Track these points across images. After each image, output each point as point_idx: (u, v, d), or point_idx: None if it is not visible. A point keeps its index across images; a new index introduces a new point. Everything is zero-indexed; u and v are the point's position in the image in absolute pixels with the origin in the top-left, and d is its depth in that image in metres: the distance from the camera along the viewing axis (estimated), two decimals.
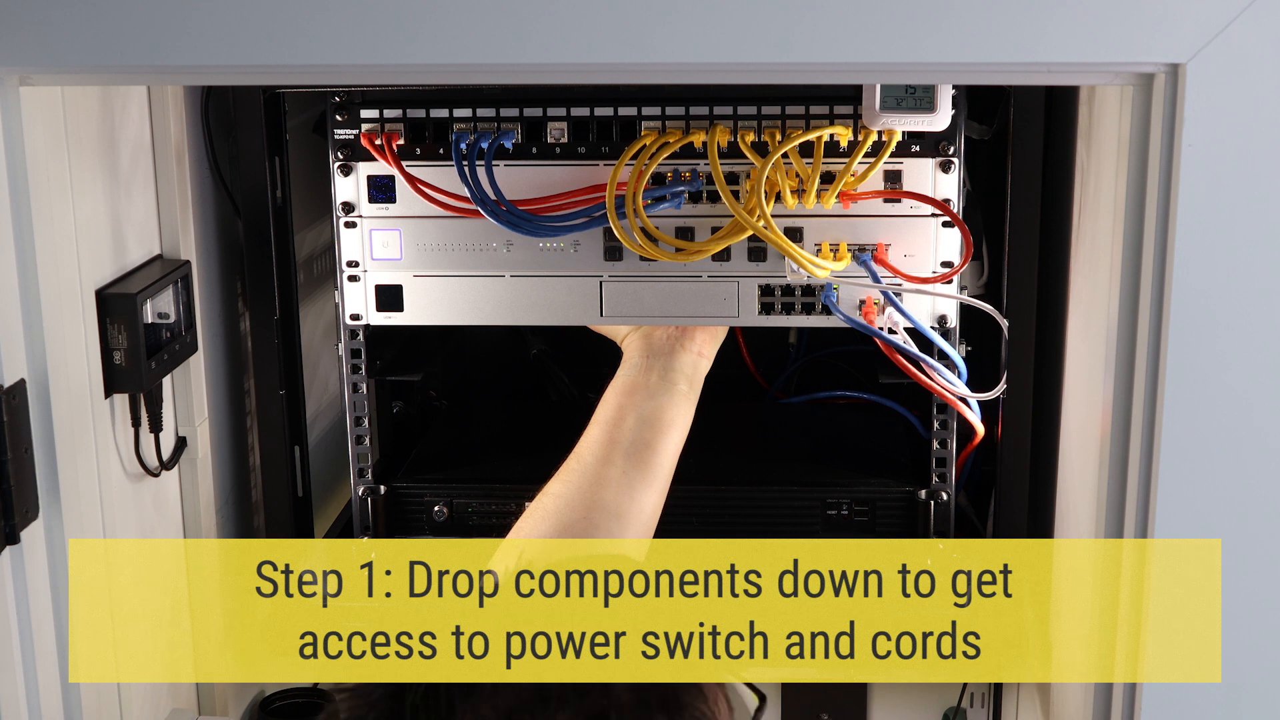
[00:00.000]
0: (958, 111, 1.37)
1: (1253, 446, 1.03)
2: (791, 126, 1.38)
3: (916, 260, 1.41)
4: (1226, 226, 0.99)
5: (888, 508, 1.52)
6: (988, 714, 1.81)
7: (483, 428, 1.76)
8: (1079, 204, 1.36)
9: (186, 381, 1.47)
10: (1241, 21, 0.96)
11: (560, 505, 1.32)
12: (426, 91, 1.42)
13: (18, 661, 1.14)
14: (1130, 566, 1.07)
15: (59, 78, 1.16)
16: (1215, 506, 1.04)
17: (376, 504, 1.55)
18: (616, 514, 1.31)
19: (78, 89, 1.26)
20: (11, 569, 1.13)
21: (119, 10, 1.02)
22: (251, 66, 1.07)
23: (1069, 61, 1.00)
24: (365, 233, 1.46)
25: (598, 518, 1.30)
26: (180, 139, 1.45)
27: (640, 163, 1.37)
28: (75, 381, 1.24)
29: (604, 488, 1.32)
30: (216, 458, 1.55)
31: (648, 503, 1.34)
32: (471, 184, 1.38)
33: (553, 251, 1.44)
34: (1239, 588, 1.05)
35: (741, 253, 1.43)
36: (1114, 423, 1.08)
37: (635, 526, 1.33)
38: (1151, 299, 1.02)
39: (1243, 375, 1.02)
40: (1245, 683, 1.07)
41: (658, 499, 1.36)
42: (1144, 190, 1.03)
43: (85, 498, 1.26)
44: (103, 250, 1.32)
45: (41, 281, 1.15)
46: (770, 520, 1.53)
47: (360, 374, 1.53)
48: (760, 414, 1.77)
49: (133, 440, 1.38)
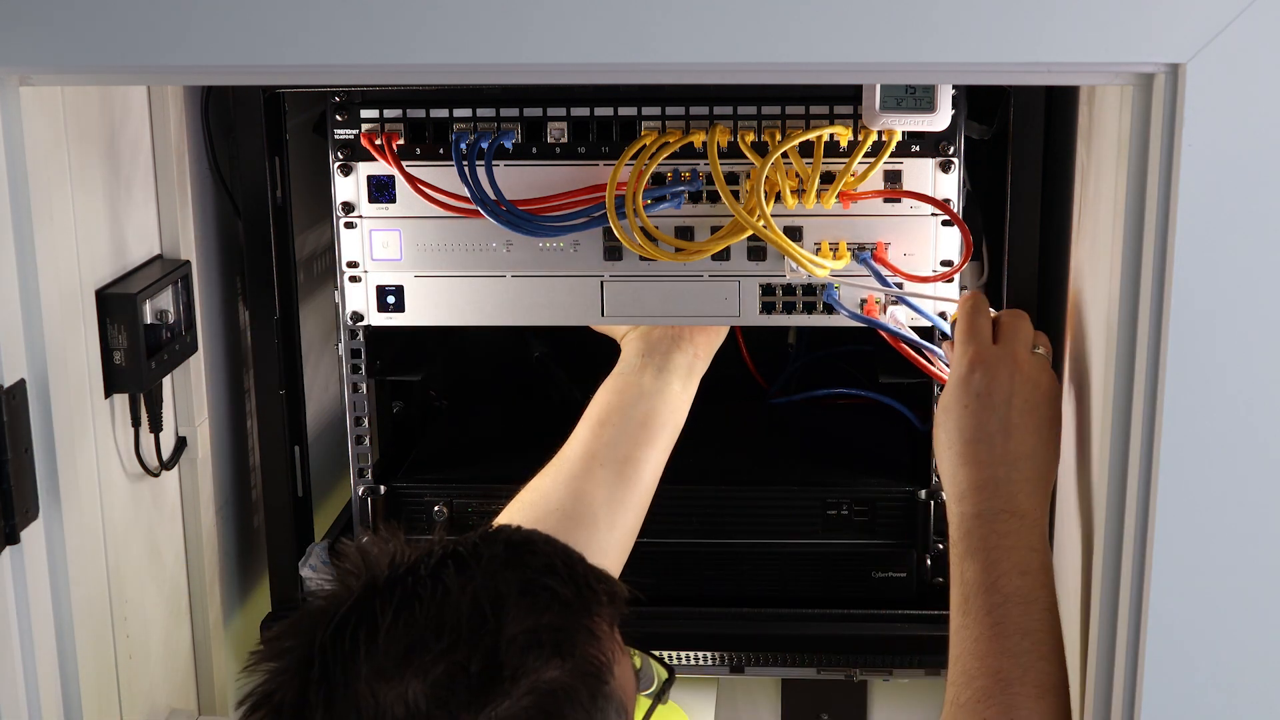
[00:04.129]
0: (958, 111, 1.37)
1: (1253, 446, 1.03)
2: (791, 126, 1.38)
3: (916, 260, 1.41)
4: (1226, 226, 0.99)
5: (888, 508, 1.52)
6: None
7: (483, 428, 1.76)
8: (1079, 204, 1.36)
9: (186, 381, 1.47)
10: (1241, 21, 0.96)
11: (536, 498, 1.32)
12: (426, 91, 1.42)
13: (18, 661, 1.14)
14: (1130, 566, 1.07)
15: (59, 78, 1.16)
16: (1215, 506, 1.04)
17: (376, 504, 1.55)
18: (592, 509, 1.31)
19: (78, 89, 1.26)
20: (11, 569, 1.13)
21: (119, 10, 1.02)
22: (251, 66, 1.06)
23: (1069, 61, 1.00)
24: (365, 233, 1.46)
25: (574, 512, 1.30)
26: (180, 139, 1.45)
27: (640, 163, 1.37)
28: (75, 381, 1.24)
29: (584, 484, 1.32)
30: (216, 458, 1.55)
31: (629, 500, 1.34)
32: (471, 184, 1.38)
33: (553, 251, 1.44)
34: (1239, 587, 1.05)
35: (741, 252, 1.43)
36: (1114, 422, 1.08)
37: (614, 524, 1.33)
38: (1151, 299, 1.02)
39: (1243, 375, 1.02)
40: (1246, 683, 1.07)
41: (640, 497, 1.36)
42: (1144, 190, 1.03)
43: (85, 498, 1.26)
44: (103, 250, 1.32)
45: (41, 281, 1.15)
46: (770, 520, 1.53)
47: (360, 374, 1.53)
48: (760, 414, 1.77)
49: (133, 440, 1.38)
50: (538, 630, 0.88)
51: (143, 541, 1.41)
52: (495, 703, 0.85)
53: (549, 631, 0.89)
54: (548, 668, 0.87)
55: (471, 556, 0.91)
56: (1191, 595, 1.05)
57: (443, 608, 0.88)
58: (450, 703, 0.85)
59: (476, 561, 0.91)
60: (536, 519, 1.29)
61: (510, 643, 0.87)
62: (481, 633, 0.87)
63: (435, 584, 0.89)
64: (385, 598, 0.88)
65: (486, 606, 0.88)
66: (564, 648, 0.89)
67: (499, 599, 0.89)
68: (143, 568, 1.40)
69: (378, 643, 0.86)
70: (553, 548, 0.96)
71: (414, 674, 0.85)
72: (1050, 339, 1.44)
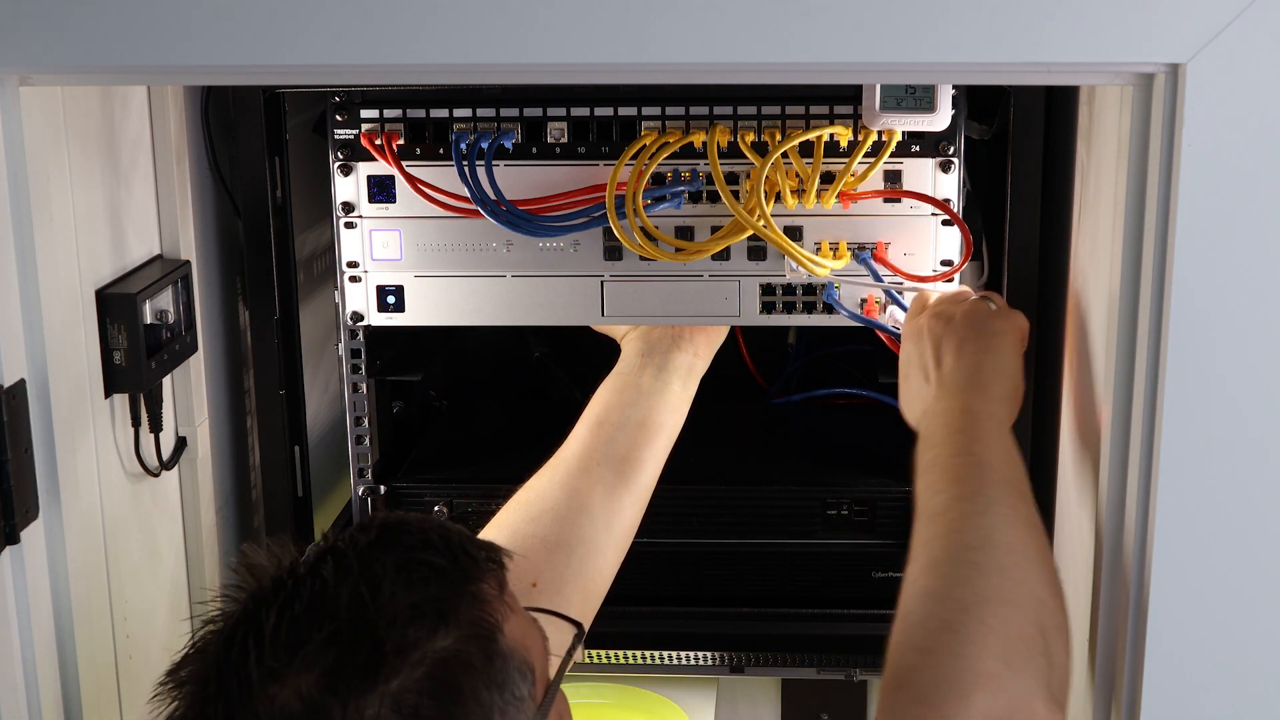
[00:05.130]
0: (958, 111, 1.37)
1: (1253, 446, 1.03)
2: (791, 126, 1.38)
3: (916, 259, 1.41)
4: (1226, 226, 0.99)
5: (888, 508, 1.52)
6: None
7: (483, 428, 1.76)
8: (1079, 204, 1.36)
9: (186, 381, 1.47)
10: (1241, 21, 0.96)
11: (531, 497, 1.32)
12: (426, 91, 1.42)
13: (18, 661, 1.14)
14: (1130, 567, 1.07)
15: (59, 78, 1.16)
16: (1215, 506, 1.04)
17: (376, 504, 1.55)
18: (587, 509, 1.31)
19: (78, 89, 1.26)
20: (11, 569, 1.13)
21: (119, 10, 1.02)
22: (251, 66, 1.06)
23: (1069, 61, 1.00)
24: (365, 233, 1.46)
25: (568, 512, 1.30)
26: (180, 139, 1.45)
27: (640, 163, 1.37)
28: (75, 381, 1.24)
29: (580, 484, 1.32)
30: (216, 458, 1.55)
31: (625, 500, 1.34)
32: (471, 184, 1.38)
33: (553, 251, 1.44)
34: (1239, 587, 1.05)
35: (741, 252, 1.43)
36: (1114, 422, 1.08)
37: (610, 524, 1.32)
38: (1151, 299, 1.02)
39: (1243, 375, 1.02)
40: (1246, 683, 1.07)
41: (638, 497, 1.36)
42: (1144, 190, 1.03)
43: (85, 498, 1.26)
44: (103, 250, 1.32)
45: (41, 281, 1.15)
46: (769, 520, 1.53)
47: (360, 374, 1.53)
48: (760, 413, 1.77)
49: (133, 440, 1.38)
50: (419, 604, 0.89)
51: (143, 542, 1.41)
52: (388, 679, 0.85)
53: (431, 603, 0.89)
54: (435, 638, 0.87)
55: (349, 547, 0.92)
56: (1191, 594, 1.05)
57: (323, 600, 0.88)
58: (341, 688, 0.85)
59: (354, 550, 0.91)
60: (532, 518, 1.30)
61: (391, 620, 0.87)
62: (363, 616, 0.87)
63: (314, 579, 0.89)
64: (268, 602, 0.89)
65: (365, 590, 0.88)
66: (448, 616, 0.89)
67: (375, 581, 0.89)
68: (143, 568, 1.40)
69: (264, 646, 0.87)
70: (428, 524, 0.95)
71: (303, 667, 0.85)
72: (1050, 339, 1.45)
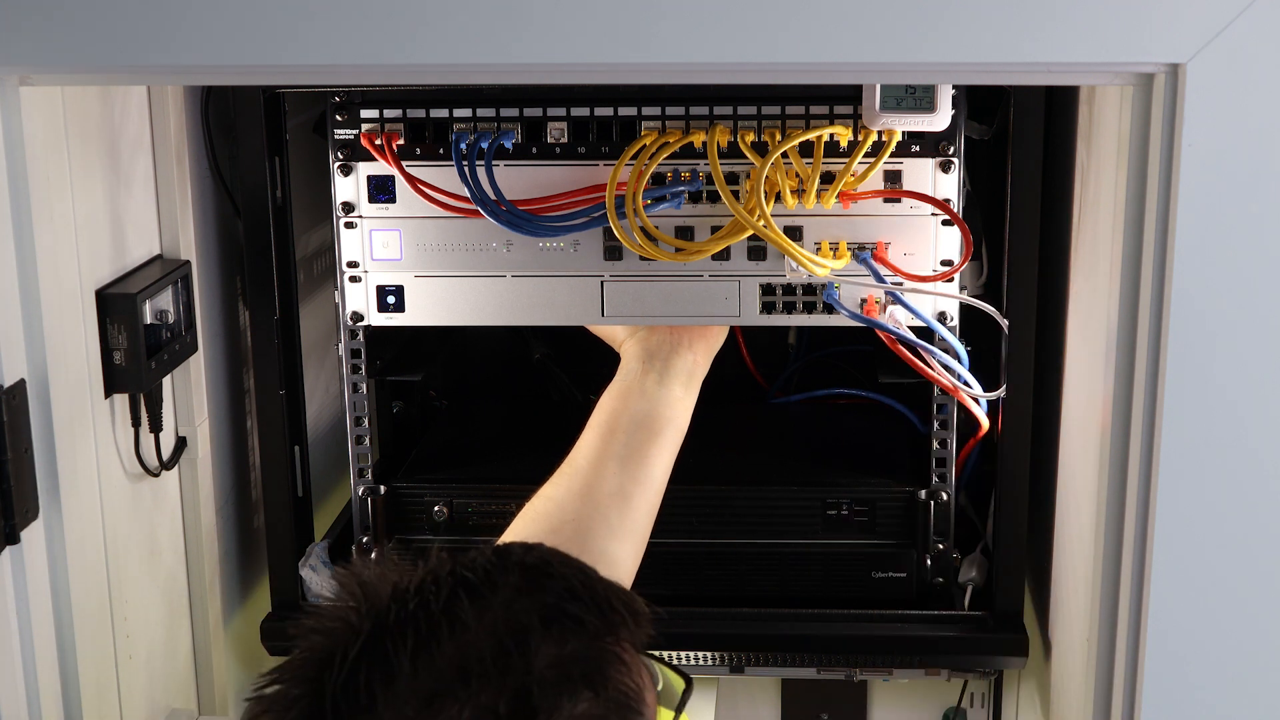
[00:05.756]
0: (958, 111, 1.37)
1: (1253, 446, 1.03)
2: (791, 126, 1.38)
3: (916, 259, 1.41)
4: (1226, 226, 1.00)
5: (888, 508, 1.52)
6: (988, 714, 1.81)
7: (483, 428, 1.76)
8: (1079, 204, 1.36)
9: (186, 381, 1.47)
10: (1241, 21, 0.96)
11: (551, 508, 1.31)
12: (426, 91, 1.42)
13: (18, 661, 1.14)
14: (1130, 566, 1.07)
15: (59, 78, 1.16)
16: (1215, 506, 1.04)
17: (376, 504, 1.55)
18: (606, 518, 1.31)
19: (78, 89, 1.26)
20: (11, 569, 1.13)
21: (119, 10, 1.02)
22: (251, 66, 1.07)
23: (1069, 61, 1.00)
24: (365, 233, 1.46)
25: (589, 521, 1.30)
26: (180, 139, 1.45)
27: (640, 163, 1.37)
28: (75, 381, 1.24)
29: (597, 492, 1.32)
30: (216, 458, 1.55)
31: (641, 507, 1.34)
32: (471, 184, 1.38)
33: (553, 251, 1.44)
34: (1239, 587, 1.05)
35: (741, 252, 1.43)
36: (1114, 422, 1.08)
37: (627, 531, 1.32)
38: (1151, 299, 1.02)
39: (1243, 374, 1.02)
40: (1246, 682, 1.07)
41: (651, 503, 1.36)
42: (1144, 190, 1.03)
43: (85, 498, 1.26)
44: (103, 250, 1.32)
45: (41, 281, 1.15)
46: (770, 520, 1.53)
47: (360, 374, 1.53)
48: (760, 414, 1.77)
49: (133, 440, 1.38)
50: (565, 662, 0.84)
51: (143, 541, 1.41)
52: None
53: (577, 663, 0.84)
54: (579, 701, 0.83)
55: (485, 584, 0.86)
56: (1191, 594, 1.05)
57: (463, 647, 0.83)
58: None
59: (491, 590, 0.86)
60: (551, 529, 1.29)
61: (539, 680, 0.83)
62: (507, 672, 0.82)
63: (451, 621, 0.84)
64: (398, 639, 0.83)
65: (509, 642, 0.83)
66: (594, 679, 0.85)
67: (522, 632, 0.84)
68: (143, 568, 1.40)
69: (396, 691, 0.81)
70: (569, 568, 0.91)
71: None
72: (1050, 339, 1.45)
